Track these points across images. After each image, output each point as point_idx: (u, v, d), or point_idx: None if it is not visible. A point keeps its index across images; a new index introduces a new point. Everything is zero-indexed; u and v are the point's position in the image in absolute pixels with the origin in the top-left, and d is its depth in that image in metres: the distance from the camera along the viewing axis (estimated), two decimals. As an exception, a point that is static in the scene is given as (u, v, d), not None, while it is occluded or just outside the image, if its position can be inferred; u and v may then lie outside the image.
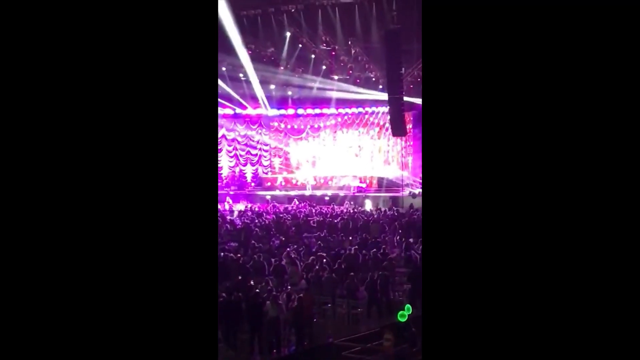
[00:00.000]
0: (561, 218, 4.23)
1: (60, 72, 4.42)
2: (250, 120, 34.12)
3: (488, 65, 4.40)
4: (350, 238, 16.57)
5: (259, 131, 34.39)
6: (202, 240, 4.60)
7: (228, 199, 29.51)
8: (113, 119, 4.46)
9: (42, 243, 4.32)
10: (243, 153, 34.60)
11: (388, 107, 25.57)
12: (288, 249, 14.61)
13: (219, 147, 34.40)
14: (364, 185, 30.34)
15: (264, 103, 32.18)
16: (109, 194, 4.43)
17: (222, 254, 14.16)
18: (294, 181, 33.09)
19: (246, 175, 34.57)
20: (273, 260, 13.55)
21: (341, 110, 32.60)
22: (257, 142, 34.55)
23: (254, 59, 28.11)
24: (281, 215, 22.16)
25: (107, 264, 4.39)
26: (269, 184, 33.87)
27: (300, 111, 33.03)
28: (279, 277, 12.79)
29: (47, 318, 4.30)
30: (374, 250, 14.15)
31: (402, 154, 31.03)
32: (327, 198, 28.83)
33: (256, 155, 34.62)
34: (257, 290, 10.64)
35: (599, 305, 4.14)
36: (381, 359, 8.79)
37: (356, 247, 14.66)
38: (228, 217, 22.41)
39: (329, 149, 33.83)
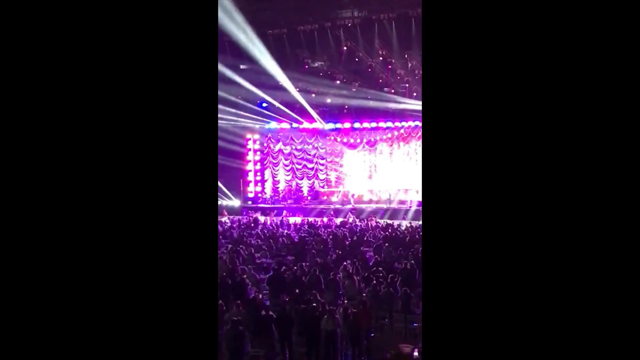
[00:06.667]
0: (564, 222, 4.21)
1: (59, 72, 4.44)
2: (306, 134, 34.32)
3: (490, 67, 4.36)
4: (410, 253, 16.38)
5: (315, 145, 34.54)
6: (202, 249, 4.56)
7: (285, 212, 29.72)
8: (112, 123, 4.47)
9: (40, 247, 4.36)
10: (299, 167, 34.79)
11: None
12: (345, 263, 14.57)
13: (275, 161, 34.81)
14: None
15: (320, 117, 32.37)
16: (106, 199, 4.44)
17: (280, 267, 14.25)
18: (349, 195, 33.05)
19: (302, 189, 34.73)
20: (331, 274, 13.54)
21: (397, 124, 32.44)
22: (314, 155, 34.69)
23: (311, 72, 28.35)
24: (337, 229, 22.15)
25: (104, 268, 4.40)
26: (325, 197, 33.94)
27: (356, 125, 33.02)
28: (334, 291, 12.76)
29: (45, 321, 4.33)
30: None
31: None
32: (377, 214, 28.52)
33: (312, 168, 34.75)
34: (314, 304, 10.63)
35: (599, 307, 4.11)
36: None
37: (412, 261, 14.50)
38: (285, 231, 22.53)
39: (385, 163, 33.70)
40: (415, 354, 8.83)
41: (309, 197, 34.19)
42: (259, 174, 35.07)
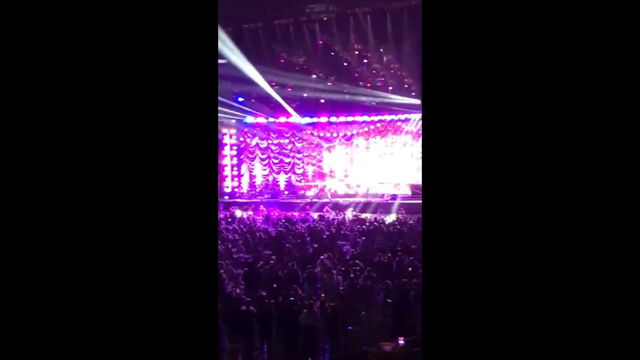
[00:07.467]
0: (563, 218, 4.24)
1: (62, 72, 4.42)
2: (283, 129, 34.27)
3: (489, 66, 4.38)
4: (387, 246, 16.47)
5: (292, 139, 34.51)
6: (202, 247, 4.56)
7: (262, 207, 29.65)
8: (112, 122, 4.46)
9: (40, 245, 4.35)
10: (276, 161, 34.74)
11: (422, 113, 25.40)
12: (322, 257, 14.60)
13: (252, 156, 34.71)
14: (397, 193, 30.19)
15: (296, 111, 32.33)
16: (106, 199, 4.44)
17: (257, 262, 14.23)
18: (326, 189, 33.09)
19: (279, 183, 34.68)
20: (308, 267, 13.56)
21: (374, 118, 32.53)
22: (290, 150, 34.67)
23: (286, 67, 28.27)
24: (314, 224, 22.17)
25: (104, 266, 4.39)
26: (302, 192, 33.94)
27: (332, 119, 33.05)
28: (312, 285, 12.79)
29: (44, 319, 4.33)
30: (412, 257, 14.05)
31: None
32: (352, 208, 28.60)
33: (289, 163, 34.72)
34: (292, 299, 10.66)
35: (598, 303, 4.16)
36: None
37: (389, 254, 14.59)
38: (262, 226, 22.49)
39: (361, 157, 33.78)
40: (401, 341, 8.92)
41: (285, 192, 34.14)
42: (235, 168, 34.93)
